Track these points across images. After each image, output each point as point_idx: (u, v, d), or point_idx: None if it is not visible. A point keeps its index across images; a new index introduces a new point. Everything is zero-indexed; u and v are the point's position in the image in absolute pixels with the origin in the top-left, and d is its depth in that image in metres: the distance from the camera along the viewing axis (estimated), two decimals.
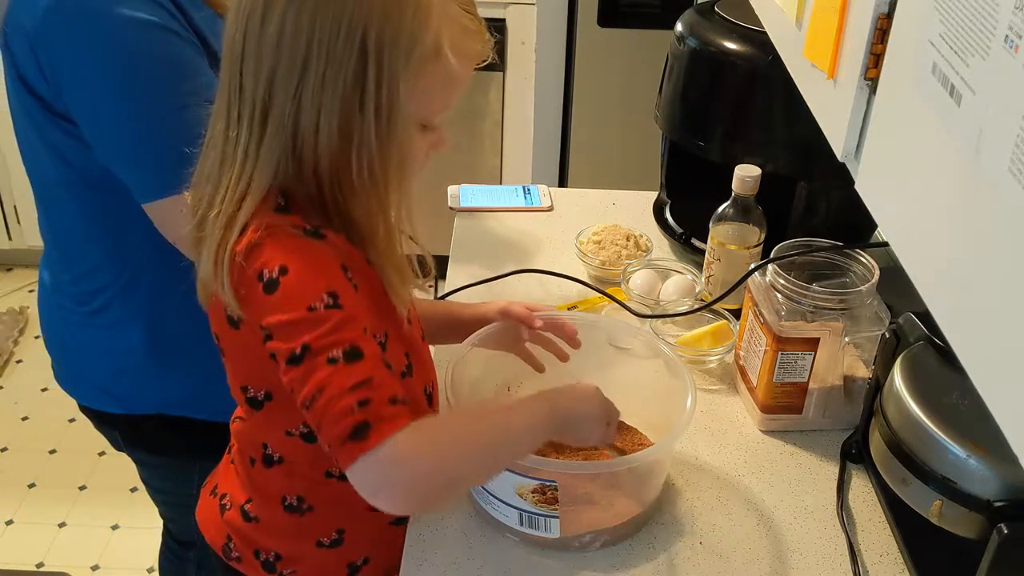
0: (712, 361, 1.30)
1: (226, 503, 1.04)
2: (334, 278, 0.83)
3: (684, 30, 1.43)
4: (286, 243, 0.83)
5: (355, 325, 0.82)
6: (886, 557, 1.04)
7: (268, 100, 0.82)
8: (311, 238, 0.84)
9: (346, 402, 0.79)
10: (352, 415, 0.78)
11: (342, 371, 0.79)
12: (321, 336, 0.80)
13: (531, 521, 1.01)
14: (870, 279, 1.15)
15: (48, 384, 2.73)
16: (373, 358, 0.81)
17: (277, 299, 0.81)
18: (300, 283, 0.81)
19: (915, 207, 0.68)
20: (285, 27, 0.80)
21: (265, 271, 0.81)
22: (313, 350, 0.80)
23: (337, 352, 0.80)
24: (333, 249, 0.85)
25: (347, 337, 0.81)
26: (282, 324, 0.81)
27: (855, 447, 1.15)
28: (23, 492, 2.38)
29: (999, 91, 0.54)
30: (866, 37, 0.75)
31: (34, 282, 3.12)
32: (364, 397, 0.79)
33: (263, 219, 0.83)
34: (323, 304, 0.81)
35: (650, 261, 1.46)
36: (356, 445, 0.78)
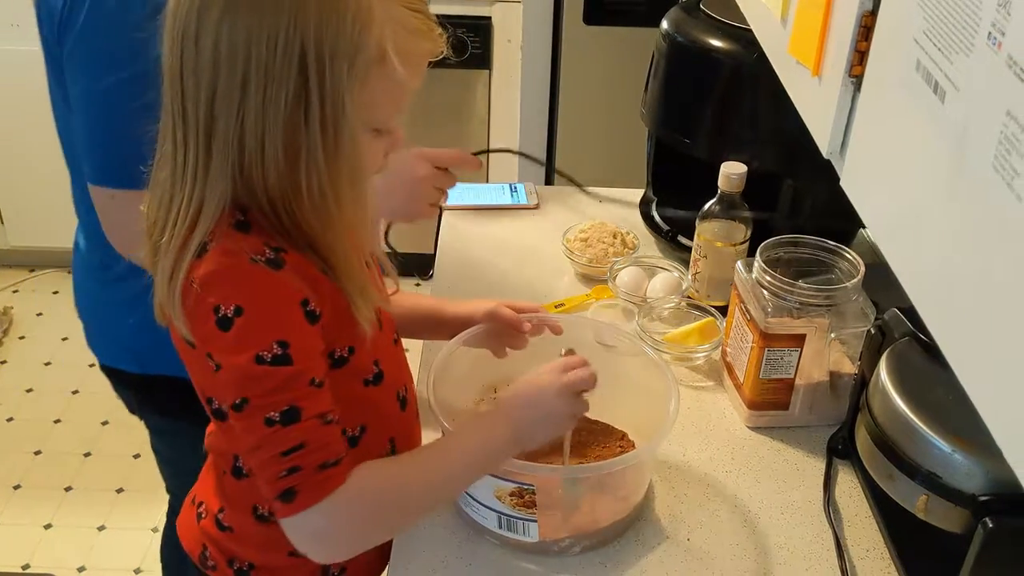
0: (699, 358, 1.30)
1: (202, 511, 1.03)
2: (289, 322, 0.82)
3: (669, 28, 1.43)
4: (245, 277, 0.81)
5: (299, 381, 0.82)
6: (872, 552, 1.04)
7: (211, 121, 0.79)
8: (271, 268, 0.81)
9: (277, 467, 0.82)
10: (281, 480, 0.82)
11: (278, 434, 0.81)
12: (263, 394, 0.81)
13: (509, 524, 1.01)
14: (856, 275, 1.15)
15: (33, 385, 2.71)
16: (311, 416, 0.82)
17: (229, 339, 0.80)
18: (252, 327, 0.81)
19: (900, 204, 0.68)
20: (220, 46, 0.77)
21: (221, 307, 0.80)
22: (253, 407, 0.81)
23: (275, 413, 0.81)
24: (293, 279, 0.83)
25: (287, 398, 0.81)
26: (231, 367, 0.82)
27: (841, 443, 1.15)
28: (8, 493, 2.37)
29: (983, 88, 0.55)
30: (851, 34, 0.75)
31: (18, 283, 3.11)
32: (294, 464, 0.81)
33: (222, 241, 0.81)
34: (270, 356, 0.80)
35: (637, 259, 1.46)
36: (285, 507, 0.83)
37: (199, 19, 0.78)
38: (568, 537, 1.02)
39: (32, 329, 2.92)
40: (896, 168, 0.69)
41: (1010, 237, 0.51)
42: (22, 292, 3.08)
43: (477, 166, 1.32)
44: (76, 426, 2.56)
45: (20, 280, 3.12)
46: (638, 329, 1.31)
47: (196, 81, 0.79)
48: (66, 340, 2.84)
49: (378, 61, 0.80)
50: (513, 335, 1.12)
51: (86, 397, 2.65)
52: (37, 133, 1.18)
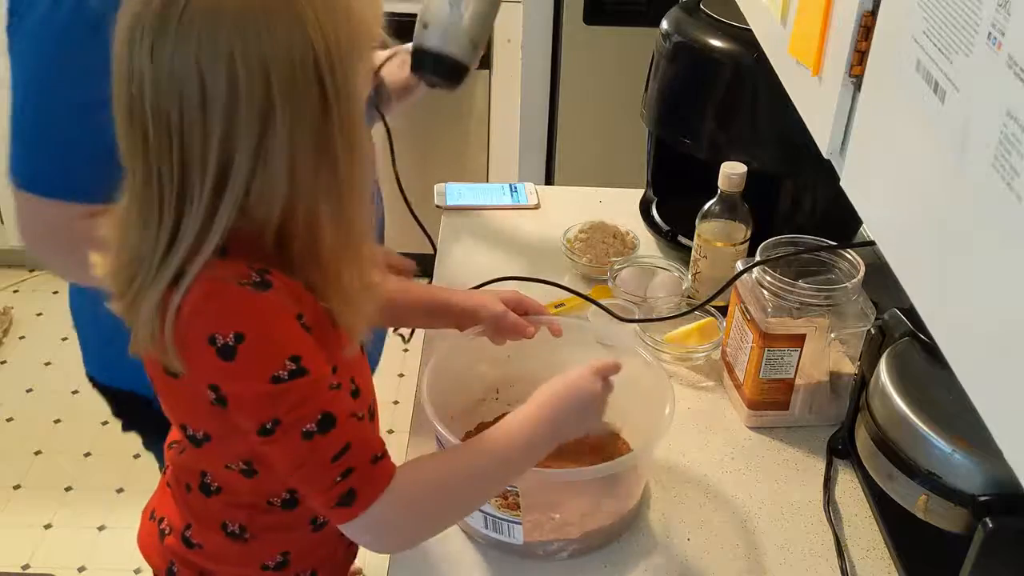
0: (699, 358, 1.30)
1: (165, 528, 1.00)
2: (294, 338, 0.80)
3: (670, 28, 1.43)
4: (236, 304, 0.78)
5: (321, 387, 0.80)
6: (873, 552, 1.04)
7: (226, 164, 0.74)
8: (261, 291, 0.78)
9: (329, 475, 0.81)
10: (337, 486, 0.81)
11: (320, 444, 0.80)
12: (291, 410, 0.79)
13: (495, 525, 1.00)
14: (856, 276, 1.15)
15: (33, 385, 2.71)
16: (345, 417, 0.81)
17: (236, 367, 0.77)
18: (260, 350, 0.78)
19: (900, 204, 0.68)
20: (238, 83, 0.72)
21: (218, 336, 0.77)
22: (285, 425, 0.79)
23: (311, 425, 0.79)
24: (283, 298, 0.80)
25: (317, 406, 0.79)
26: (246, 396, 0.79)
27: (841, 443, 1.15)
28: (8, 493, 2.37)
29: (982, 88, 0.55)
30: (851, 34, 0.75)
31: (18, 283, 3.11)
32: (346, 467, 0.81)
33: (205, 272, 0.78)
34: (287, 372, 0.78)
35: (637, 259, 1.46)
36: (346, 511, 0.82)
37: (200, 59, 0.72)
38: (557, 540, 1.02)
39: (32, 329, 2.92)
40: (896, 168, 0.69)
41: (1010, 237, 0.51)
42: (22, 292, 3.08)
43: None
44: (76, 426, 2.56)
45: (20, 280, 3.12)
46: (638, 329, 1.31)
47: (205, 125, 0.73)
48: (66, 340, 2.84)
49: (366, 36, 0.80)
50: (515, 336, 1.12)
51: (86, 397, 2.63)
52: None
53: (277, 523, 0.96)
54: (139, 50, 0.74)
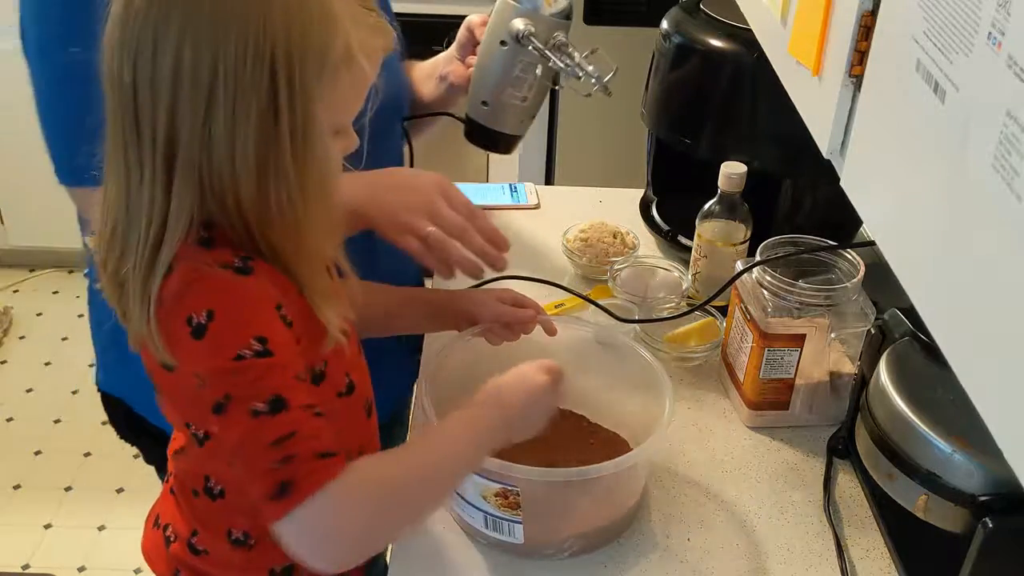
0: (699, 358, 1.30)
1: (170, 535, 0.99)
2: (264, 321, 0.79)
3: (670, 27, 1.43)
4: (213, 284, 0.79)
5: (283, 372, 0.79)
6: (873, 552, 1.04)
7: (172, 139, 0.76)
8: (240, 275, 0.79)
9: (267, 459, 0.77)
10: (273, 472, 0.77)
11: (265, 424, 0.77)
12: (245, 385, 0.77)
13: (496, 525, 1.00)
14: (856, 275, 1.15)
15: (33, 385, 2.71)
16: (299, 406, 0.78)
17: (205, 345, 0.77)
18: (228, 328, 0.78)
19: (900, 204, 0.68)
20: (183, 60, 0.74)
21: (193, 316, 0.77)
22: (236, 399, 0.77)
23: (260, 404, 0.77)
24: (264, 284, 0.80)
25: (272, 385, 0.78)
26: (210, 372, 0.79)
27: (841, 443, 1.15)
28: (9, 493, 2.37)
29: (982, 88, 0.55)
30: (851, 34, 0.75)
31: (18, 283, 3.11)
32: (287, 453, 0.77)
33: (189, 260, 0.79)
34: (251, 351, 0.77)
35: (637, 259, 1.46)
36: (279, 505, 0.77)
37: (156, 30, 0.74)
38: (557, 540, 1.02)
39: (32, 329, 2.92)
40: (896, 168, 0.69)
41: (1010, 237, 0.51)
42: (22, 292, 3.08)
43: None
44: (76, 426, 2.57)
45: (20, 280, 3.12)
46: (638, 329, 1.31)
47: (153, 97, 0.75)
48: (66, 340, 2.84)
49: (345, 62, 0.79)
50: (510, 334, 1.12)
51: (86, 397, 2.65)
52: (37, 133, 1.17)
53: None
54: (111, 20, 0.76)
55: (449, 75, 1.37)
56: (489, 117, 1.32)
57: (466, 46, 1.36)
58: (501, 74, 1.27)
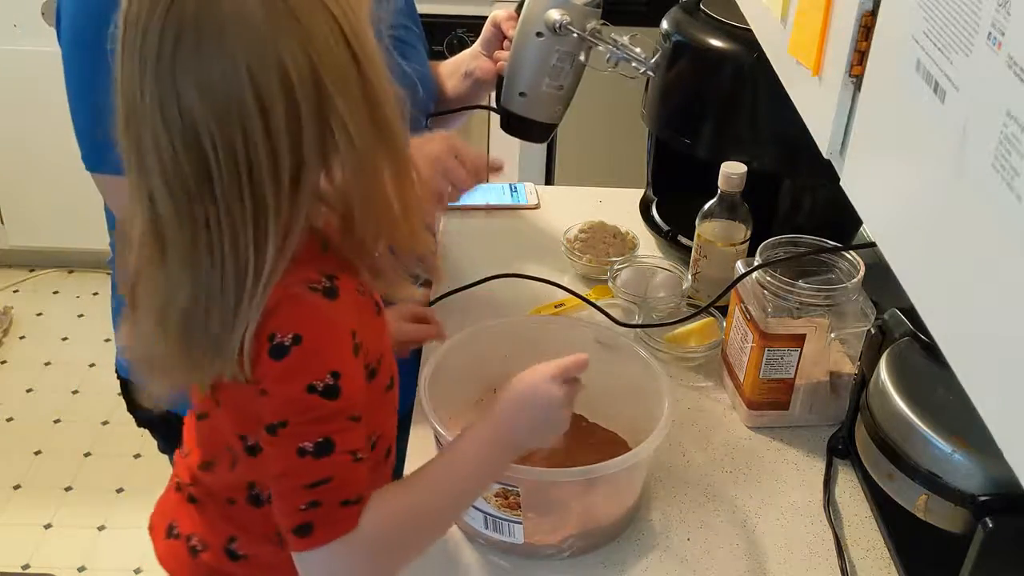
0: (699, 358, 1.30)
1: (196, 545, 0.98)
2: (342, 354, 0.81)
3: (670, 28, 1.43)
4: (304, 309, 0.79)
5: (341, 415, 0.81)
6: (873, 552, 1.04)
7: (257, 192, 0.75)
8: (328, 299, 0.80)
9: (298, 499, 0.80)
10: (300, 513, 0.81)
11: (308, 465, 0.80)
12: (303, 422, 0.80)
13: (495, 525, 1.00)
14: (856, 275, 1.15)
15: (33, 385, 2.71)
16: (343, 454, 0.81)
17: (281, 368, 0.79)
18: (308, 357, 0.79)
19: (900, 204, 0.68)
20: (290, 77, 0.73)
21: (277, 335, 0.78)
22: (288, 432, 0.80)
23: (308, 444, 0.79)
24: (347, 308, 0.82)
25: (325, 430, 0.80)
26: (277, 394, 0.80)
27: (841, 442, 1.15)
28: (8, 493, 2.37)
29: (982, 88, 0.55)
30: (851, 34, 0.75)
31: (18, 283, 3.11)
32: (316, 498, 0.80)
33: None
34: (323, 385, 0.79)
35: (637, 259, 1.46)
36: (299, 541, 0.81)
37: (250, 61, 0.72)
38: (557, 540, 1.02)
39: (32, 329, 2.92)
40: (896, 168, 0.69)
41: (1010, 237, 0.51)
42: (22, 292, 3.08)
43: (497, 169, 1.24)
44: (76, 426, 2.57)
45: (20, 280, 3.12)
46: (638, 329, 1.31)
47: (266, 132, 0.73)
48: (66, 340, 2.84)
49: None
50: None
51: (86, 397, 2.66)
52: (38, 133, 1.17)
53: None
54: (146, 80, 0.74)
55: (476, 71, 1.39)
56: (527, 107, 1.34)
57: (492, 42, 1.38)
58: (539, 64, 1.30)
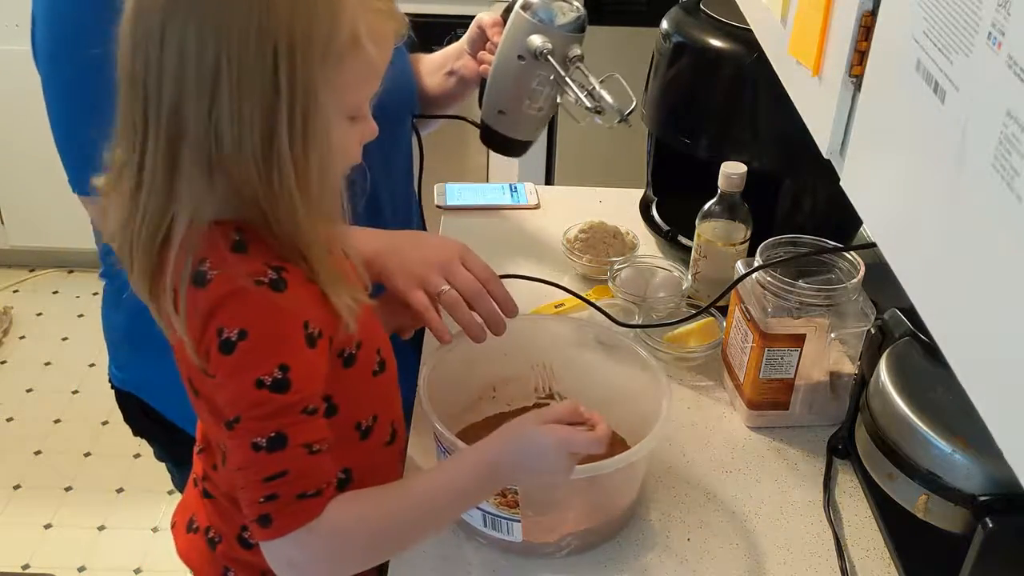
0: (699, 358, 1.30)
1: (214, 536, 1.00)
2: (291, 346, 0.81)
3: (669, 28, 1.43)
4: (249, 302, 0.80)
5: (293, 409, 0.81)
6: (873, 552, 1.04)
7: (178, 126, 0.77)
8: (274, 291, 0.81)
9: (257, 492, 0.82)
10: (260, 505, 0.82)
11: (262, 460, 0.81)
12: (255, 417, 0.81)
13: (494, 523, 1.01)
14: (856, 275, 1.15)
15: (33, 385, 2.71)
16: (297, 447, 0.81)
17: (230, 362, 0.80)
18: (254, 351, 0.80)
19: (900, 204, 0.68)
20: (187, 44, 0.75)
21: (224, 330, 0.79)
22: (242, 428, 0.81)
23: (261, 439, 0.80)
24: (296, 299, 0.82)
25: (276, 424, 0.81)
26: (229, 388, 0.81)
27: (841, 443, 1.15)
28: (8, 493, 2.37)
29: (982, 88, 0.55)
30: (851, 34, 0.75)
31: (18, 283, 3.11)
32: (273, 492, 0.81)
33: (223, 268, 0.80)
34: (271, 379, 0.80)
35: (637, 259, 1.46)
36: (261, 531, 0.83)
37: (164, 17, 0.75)
38: (555, 539, 1.02)
39: (32, 329, 2.92)
40: (896, 168, 0.69)
41: (1010, 237, 0.51)
42: (22, 292, 3.08)
43: None
44: (76, 426, 2.57)
45: (20, 280, 3.12)
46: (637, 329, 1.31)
47: (159, 83, 0.76)
48: (66, 340, 2.84)
49: (351, 48, 0.79)
50: None
51: (86, 397, 2.66)
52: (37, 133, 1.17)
53: None
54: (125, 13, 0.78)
55: (460, 69, 1.39)
56: (506, 125, 1.35)
57: (476, 42, 1.38)
58: (519, 87, 1.30)
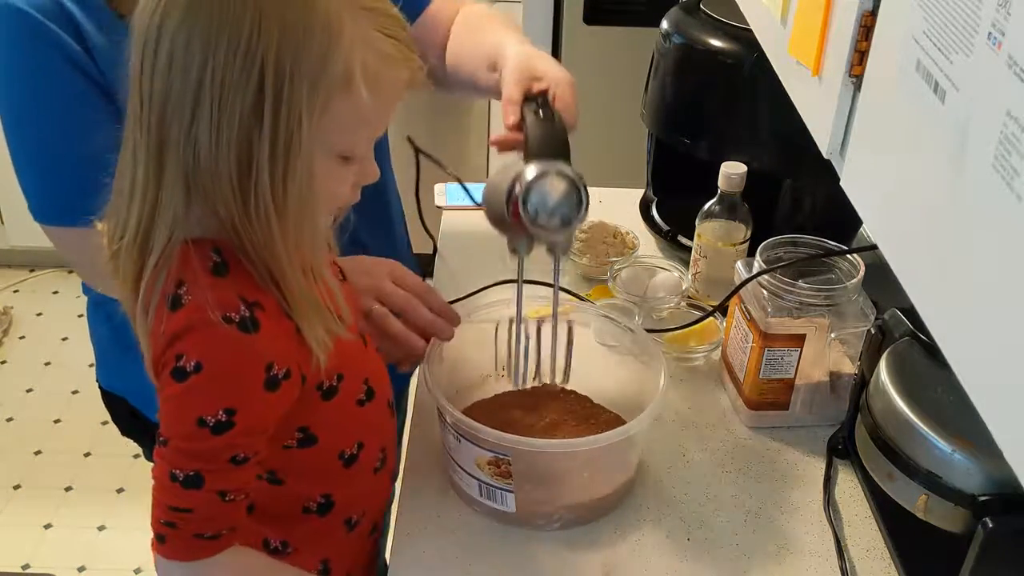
0: (699, 358, 1.30)
1: None
2: (244, 391, 0.80)
3: (670, 28, 1.43)
4: (212, 338, 0.78)
5: (222, 456, 0.81)
6: (873, 552, 1.04)
7: (163, 130, 0.76)
8: (241, 331, 0.78)
9: (159, 512, 0.83)
10: (159, 525, 0.84)
11: (175, 490, 0.82)
12: (183, 452, 0.81)
13: (489, 493, 1.03)
14: (856, 276, 1.15)
15: (33, 385, 2.71)
16: (211, 492, 0.82)
17: (179, 390, 0.79)
18: (205, 388, 0.79)
19: (900, 204, 0.68)
20: (176, 52, 0.74)
21: (184, 357, 0.78)
22: (169, 453, 0.81)
23: (180, 473, 0.81)
24: (264, 341, 0.80)
25: (200, 466, 0.81)
26: (169, 411, 0.82)
27: (841, 442, 1.15)
28: (9, 493, 2.37)
29: (982, 88, 0.55)
30: (851, 34, 0.75)
31: (18, 283, 3.11)
32: (173, 520, 0.83)
33: (196, 294, 0.79)
34: (214, 421, 0.79)
35: (637, 259, 1.46)
36: (154, 543, 0.85)
37: (161, 22, 0.75)
38: (549, 510, 1.04)
39: (32, 329, 2.92)
40: (896, 168, 0.69)
41: (1010, 237, 0.51)
42: (22, 292, 3.08)
43: None
44: (76, 426, 2.57)
45: (20, 280, 3.12)
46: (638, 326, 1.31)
47: (151, 86, 0.76)
48: (66, 340, 2.84)
49: (343, 84, 0.76)
50: None
51: (86, 397, 2.66)
52: None
53: (315, 531, 0.96)
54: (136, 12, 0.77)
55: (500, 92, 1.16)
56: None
57: None
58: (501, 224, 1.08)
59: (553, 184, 0.90)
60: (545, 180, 0.90)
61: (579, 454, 1.03)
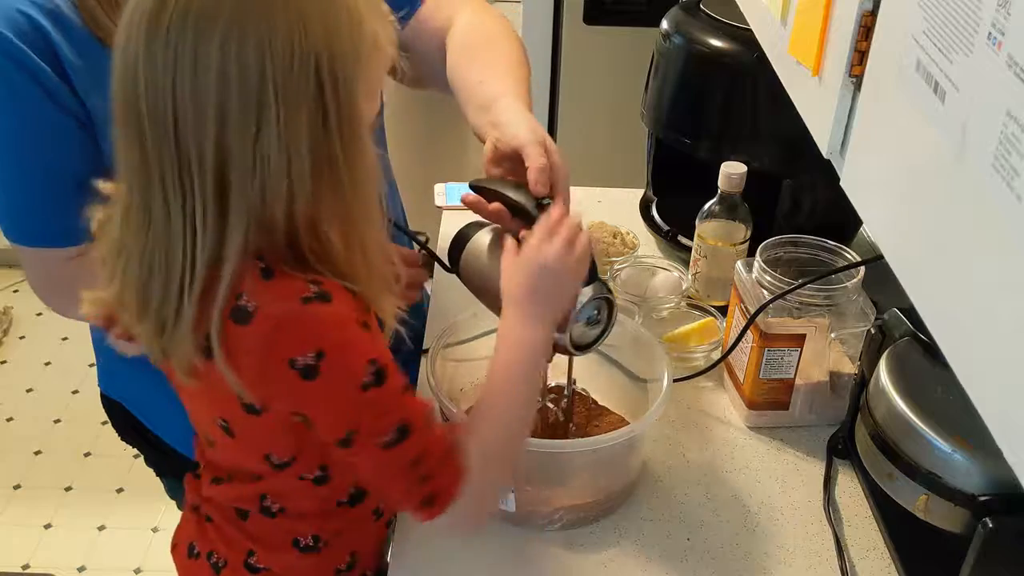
0: (698, 358, 1.30)
1: (217, 562, 0.98)
2: (367, 343, 0.80)
3: (670, 27, 1.43)
4: (309, 322, 0.77)
5: (400, 396, 0.82)
6: (873, 552, 1.05)
7: (223, 159, 0.73)
8: (326, 303, 0.77)
9: (410, 478, 0.83)
10: (418, 491, 0.84)
11: (396, 453, 0.81)
12: (370, 420, 0.80)
13: None
14: (856, 275, 1.15)
15: (33, 385, 2.71)
16: (420, 425, 0.82)
17: (321, 385, 0.77)
18: (342, 362, 0.78)
19: (900, 204, 0.68)
20: (228, 72, 0.71)
21: (299, 359, 0.76)
22: (362, 434, 0.81)
23: (388, 436, 0.81)
24: (345, 304, 0.79)
25: (394, 418, 0.81)
26: (331, 410, 0.80)
27: (841, 442, 1.15)
28: (9, 493, 2.37)
29: (982, 88, 0.55)
30: (851, 34, 0.75)
31: (18, 283, 3.11)
32: (422, 473, 0.83)
33: (264, 297, 0.76)
34: (371, 377, 0.79)
35: (637, 259, 1.46)
36: (428, 511, 0.85)
37: (196, 49, 0.71)
38: (547, 509, 1.04)
39: (32, 329, 2.92)
40: (896, 168, 0.69)
41: (1010, 237, 0.51)
42: (22, 292, 3.08)
43: None
44: (76, 426, 2.57)
45: (20, 280, 3.12)
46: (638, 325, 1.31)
47: (197, 117, 0.72)
48: (66, 340, 2.84)
49: (374, 50, 0.79)
50: None
51: (86, 397, 2.66)
52: None
53: (346, 523, 0.97)
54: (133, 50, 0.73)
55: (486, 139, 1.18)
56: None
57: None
58: None
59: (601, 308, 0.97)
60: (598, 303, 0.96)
61: (581, 455, 1.03)
